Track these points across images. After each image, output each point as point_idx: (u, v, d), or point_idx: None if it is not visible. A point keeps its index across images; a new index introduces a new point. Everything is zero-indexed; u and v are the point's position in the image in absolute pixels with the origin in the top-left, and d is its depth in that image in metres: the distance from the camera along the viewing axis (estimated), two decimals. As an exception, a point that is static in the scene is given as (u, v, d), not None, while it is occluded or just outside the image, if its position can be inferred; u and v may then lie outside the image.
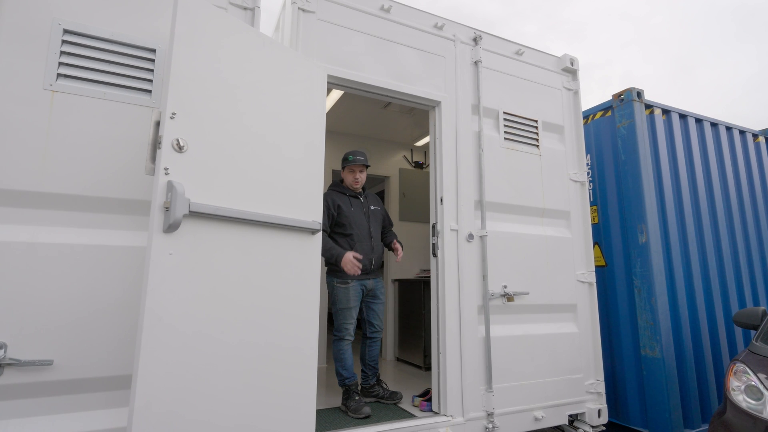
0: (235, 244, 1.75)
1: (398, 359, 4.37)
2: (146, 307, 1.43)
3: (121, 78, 1.87)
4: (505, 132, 2.96)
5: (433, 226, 2.72)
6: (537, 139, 3.10)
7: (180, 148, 1.62)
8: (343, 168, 2.94)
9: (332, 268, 2.81)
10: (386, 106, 3.83)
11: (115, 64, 1.87)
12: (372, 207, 2.95)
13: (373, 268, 2.88)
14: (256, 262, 1.81)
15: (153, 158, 1.62)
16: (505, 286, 2.74)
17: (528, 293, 2.80)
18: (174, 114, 1.61)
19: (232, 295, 1.70)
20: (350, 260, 2.65)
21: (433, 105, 2.79)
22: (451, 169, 2.72)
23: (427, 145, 4.77)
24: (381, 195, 5.18)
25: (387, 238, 3.07)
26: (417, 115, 4.09)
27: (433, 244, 2.69)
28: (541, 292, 2.88)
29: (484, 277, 2.67)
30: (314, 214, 2.08)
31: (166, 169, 1.55)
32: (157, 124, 1.62)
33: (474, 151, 2.82)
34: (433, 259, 2.70)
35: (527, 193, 2.97)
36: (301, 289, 1.96)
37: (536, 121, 3.12)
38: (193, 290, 1.59)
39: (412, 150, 4.88)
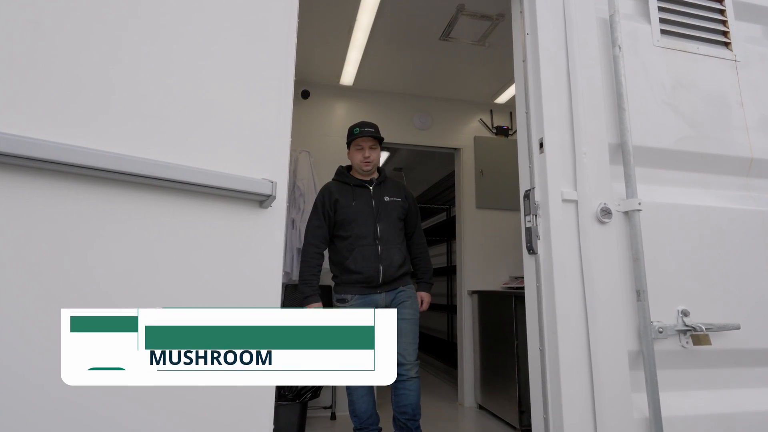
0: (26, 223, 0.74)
1: (481, 407, 3.06)
2: None
3: None
4: (663, 20, 1.60)
5: (527, 195, 1.44)
6: (726, 32, 1.66)
7: None
8: (348, 146, 2.09)
9: (335, 279, 2.01)
10: (446, 33, 2.55)
11: None
12: (386, 198, 2.05)
13: (384, 281, 1.93)
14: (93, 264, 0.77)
15: None
16: (684, 313, 1.36)
17: (738, 327, 1.37)
18: None
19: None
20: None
21: (519, -24, 1.54)
22: (558, 87, 1.43)
23: (512, 102, 3.37)
24: (450, 177, 3.91)
25: (414, 252, 2.16)
26: (494, 48, 2.76)
27: (528, 230, 1.41)
28: (762, 325, 1.43)
29: (640, 294, 1.32)
30: (265, 167, 1.01)
31: None
32: None
33: (602, 54, 1.50)
34: (528, 259, 1.43)
35: (713, 132, 1.56)
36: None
37: (721, 1, 1.68)
38: None
39: (491, 111, 3.52)
